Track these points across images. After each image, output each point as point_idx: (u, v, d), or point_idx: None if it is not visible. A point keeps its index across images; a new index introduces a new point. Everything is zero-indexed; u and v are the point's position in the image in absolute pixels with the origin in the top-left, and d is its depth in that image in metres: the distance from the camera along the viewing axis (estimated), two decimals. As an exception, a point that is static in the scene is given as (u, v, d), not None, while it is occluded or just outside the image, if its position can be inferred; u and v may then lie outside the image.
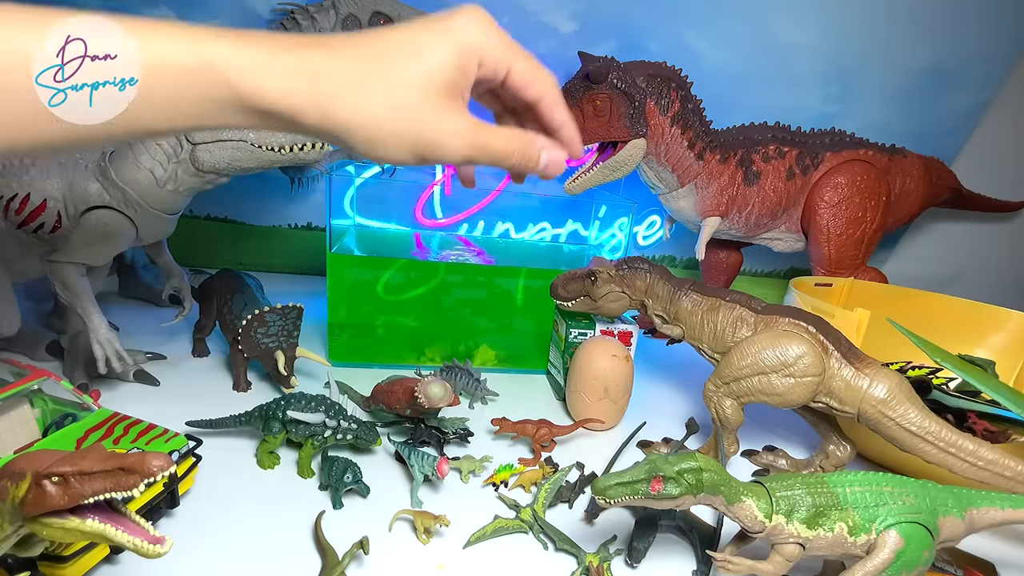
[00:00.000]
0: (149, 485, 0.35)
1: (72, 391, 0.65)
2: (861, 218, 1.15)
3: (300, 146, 0.75)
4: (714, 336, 0.73)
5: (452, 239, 1.23)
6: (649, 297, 0.78)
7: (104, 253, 0.74)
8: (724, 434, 0.73)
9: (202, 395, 0.81)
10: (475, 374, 0.88)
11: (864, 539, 0.49)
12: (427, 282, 0.95)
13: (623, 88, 0.97)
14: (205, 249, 1.30)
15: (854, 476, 0.51)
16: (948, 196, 1.35)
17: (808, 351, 0.66)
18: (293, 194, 1.13)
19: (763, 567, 0.51)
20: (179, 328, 0.96)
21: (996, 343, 0.94)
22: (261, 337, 0.80)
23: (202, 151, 0.72)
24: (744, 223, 1.15)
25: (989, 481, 0.61)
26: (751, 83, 1.26)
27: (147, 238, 0.79)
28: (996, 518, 0.54)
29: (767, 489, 0.51)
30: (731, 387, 0.70)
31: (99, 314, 0.75)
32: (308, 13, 1.01)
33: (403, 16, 1.03)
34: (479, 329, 0.98)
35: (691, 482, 0.49)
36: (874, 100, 1.32)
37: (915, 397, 0.64)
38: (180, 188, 0.75)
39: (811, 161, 1.15)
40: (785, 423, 0.91)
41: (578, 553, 0.59)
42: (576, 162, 1.27)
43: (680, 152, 1.05)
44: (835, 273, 1.16)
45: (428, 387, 0.69)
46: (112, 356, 0.75)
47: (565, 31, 1.19)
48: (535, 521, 0.62)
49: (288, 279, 1.33)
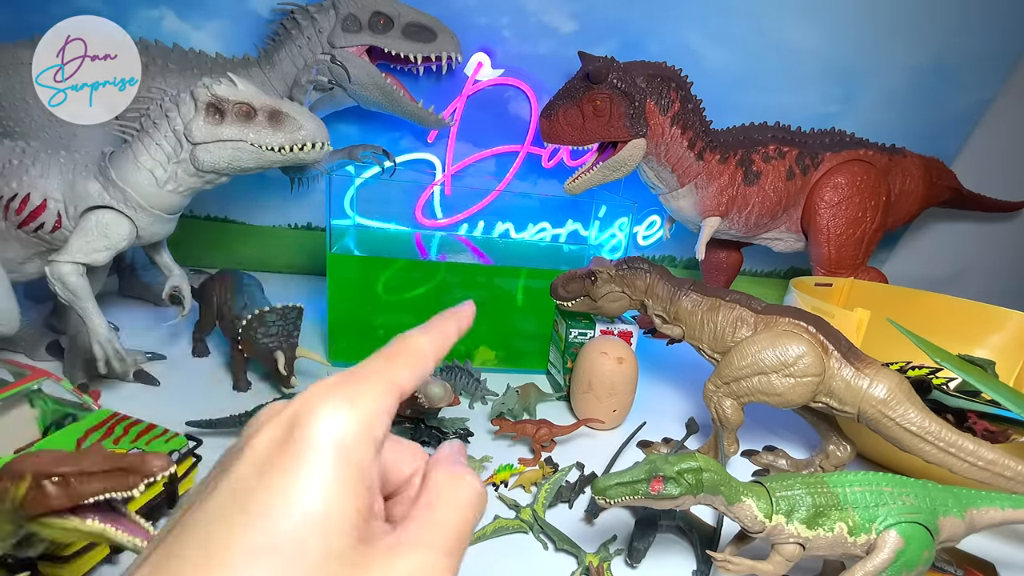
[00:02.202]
0: (149, 485, 0.35)
1: (72, 391, 0.65)
2: (861, 218, 1.15)
3: (300, 146, 0.75)
4: (714, 336, 0.73)
5: (452, 239, 1.23)
6: (649, 297, 0.78)
7: (104, 253, 0.74)
8: (724, 434, 0.73)
9: (202, 395, 0.81)
10: (475, 374, 0.88)
11: (864, 539, 0.49)
12: (427, 282, 0.95)
13: (623, 88, 0.97)
14: (205, 249, 1.30)
15: (854, 476, 0.51)
16: (948, 196, 1.35)
17: (808, 351, 0.66)
18: (293, 194, 1.13)
19: (763, 567, 0.51)
20: (179, 328, 0.96)
21: (996, 343, 0.94)
22: (261, 337, 0.80)
23: (202, 151, 0.72)
24: (744, 223, 1.15)
25: (989, 481, 0.61)
26: (751, 83, 1.26)
27: (147, 238, 0.79)
28: (996, 518, 0.54)
29: (767, 489, 0.51)
30: (731, 387, 0.70)
31: (99, 314, 0.75)
32: (308, 13, 1.01)
33: (403, 16, 1.03)
34: (479, 329, 0.98)
35: (691, 482, 0.49)
36: (874, 100, 1.32)
37: (915, 397, 0.64)
38: (180, 188, 0.75)
39: (811, 161, 1.15)
40: (785, 423, 0.91)
41: (578, 553, 0.59)
42: (576, 162, 1.28)
43: (680, 152, 1.05)
44: (835, 273, 1.16)
45: (428, 387, 0.69)
46: (112, 356, 0.75)
47: (565, 31, 1.19)
48: (535, 521, 0.62)
49: (288, 279, 1.33)
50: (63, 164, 0.74)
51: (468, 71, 1.19)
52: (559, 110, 0.99)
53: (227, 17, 1.09)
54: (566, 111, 0.98)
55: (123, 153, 0.74)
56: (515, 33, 1.18)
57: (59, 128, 0.89)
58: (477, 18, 1.15)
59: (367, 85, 1.03)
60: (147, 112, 0.74)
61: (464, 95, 1.21)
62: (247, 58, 1.04)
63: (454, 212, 1.27)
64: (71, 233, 0.74)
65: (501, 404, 0.81)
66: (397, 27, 1.03)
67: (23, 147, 0.75)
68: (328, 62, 0.99)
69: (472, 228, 1.27)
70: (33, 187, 0.72)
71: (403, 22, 1.03)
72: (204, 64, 1.00)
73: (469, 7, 1.14)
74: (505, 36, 1.18)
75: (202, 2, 1.08)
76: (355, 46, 1.01)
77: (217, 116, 0.72)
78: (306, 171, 1.09)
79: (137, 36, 0.88)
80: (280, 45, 1.02)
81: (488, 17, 1.16)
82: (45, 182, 0.73)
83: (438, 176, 1.29)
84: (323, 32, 1.01)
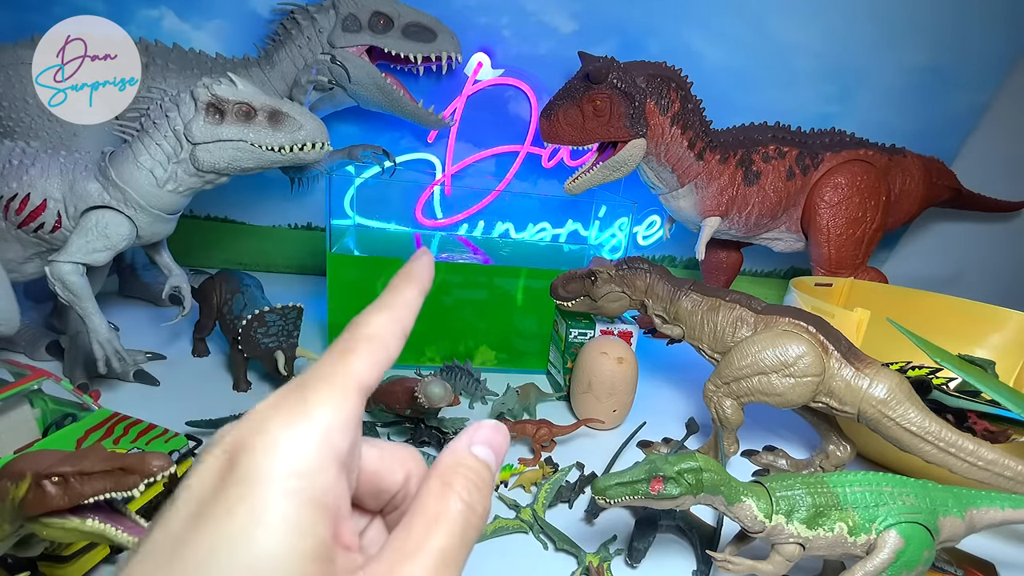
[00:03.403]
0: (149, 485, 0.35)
1: (72, 391, 0.65)
2: (861, 218, 1.15)
3: (300, 146, 0.75)
4: (714, 336, 0.73)
5: (452, 239, 1.23)
6: (649, 297, 0.78)
7: (104, 253, 0.74)
8: (724, 434, 0.73)
9: (202, 395, 0.81)
10: (475, 374, 0.88)
11: (864, 539, 0.49)
12: (427, 282, 0.95)
13: (623, 88, 0.97)
14: (205, 249, 1.30)
15: (854, 476, 0.51)
16: (948, 196, 1.35)
17: (808, 351, 0.66)
18: (293, 194, 1.13)
19: (763, 567, 0.51)
20: (179, 328, 0.96)
21: (996, 343, 0.94)
22: (261, 337, 0.80)
23: (202, 151, 0.72)
24: (744, 223, 1.15)
25: (989, 481, 0.61)
26: (751, 83, 1.26)
27: (147, 238, 0.79)
28: (996, 518, 0.54)
29: (767, 489, 0.51)
30: (731, 387, 0.70)
31: (99, 314, 0.75)
32: (308, 13, 1.01)
33: (403, 16, 1.03)
34: (479, 329, 0.98)
35: (691, 482, 0.49)
36: (874, 100, 1.32)
37: (915, 397, 0.64)
38: (180, 188, 0.75)
39: (811, 161, 1.15)
40: (785, 423, 0.91)
41: (578, 553, 0.59)
42: (576, 162, 1.28)
43: (680, 152, 1.05)
44: (835, 273, 1.16)
45: (428, 387, 0.69)
46: (112, 356, 0.75)
47: (565, 31, 1.19)
48: (535, 521, 0.62)
49: (288, 279, 1.33)
50: (63, 164, 0.74)
51: (468, 71, 1.19)
52: (559, 110, 0.99)
53: (227, 17, 1.10)
54: (566, 111, 0.98)
55: (123, 153, 0.74)
56: (515, 33, 1.18)
57: (59, 128, 0.90)
58: (477, 18, 1.15)
59: (367, 85, 1.03)
60: (147, 112, 0.74)
61: (464, 95, 1.21)
62: (247, 58, 1.04)
63: (454, 212, 1.27)
64: (71, 233, 0.74)
65: (501, 404, 0.81)
66: (397, 27, 1.03)
67: (23, 147, 0.75)
68: (328, 62, 0.99)
69: (472, 228, 1.27)
70: (33, 187, 0.72)
71: (403, 22, 1.03)
72: (204, 64, 1.00)
73: (469, 7, 1.14)
74: (505, 36, 1.18)
75: (202, 2, 1.08)
76: (355, 46, 1.01)
77: (217, 116, 0.72)
78: (306, 171, 1.09)
79: (137, 36, 0.88)
80: (280, 45, 1.02)
81: (488, 17, 1.16)
82: (45, 182, 0.73)
83: (438, 176, 1.29)
84: (323, 32, 1.01)
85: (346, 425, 0.17)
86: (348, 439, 0.17)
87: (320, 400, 0.17)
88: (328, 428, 0.17)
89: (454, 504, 0.18)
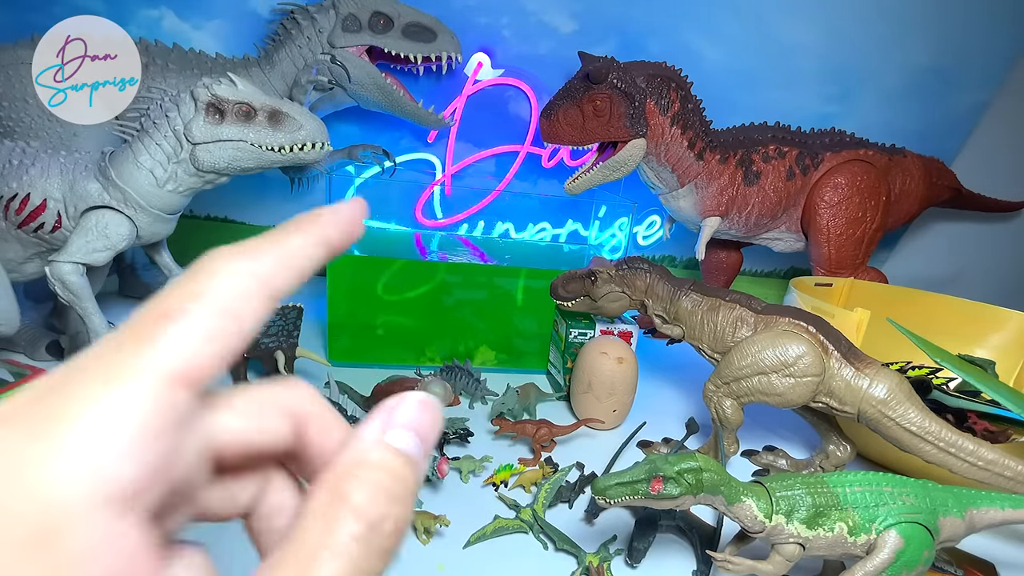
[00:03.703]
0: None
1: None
2: (861, 218, 1.15)
3: (300, 146, 0.75)
4: (714, 336, 0.73)
5: (452, 239, 1.23)
6: (649, 297, 0.78)
7: (104, 253, 0.74)
8: (724, 434, 0.73)
9: (202, 395, 0.80)
10: (475, 374, 0.88)
11: (864, 539, 0.49)
12: (427, 282, 0.95)
13: (623, 88, 0.97)
14: (205, 249, 1.27)
15: (854, 476, 0.51)
16: (948, 196, 1.35)
17: (808, 351, 0.66)
18: (293, 194, 1.13)
19: (763, 567, 0.51)
20: (179, 328, 0.96)
21: (996, 343, 0.94)
22: (261, 337, 0.80)
23: (202, 151, 0.72)
24: (744, 223, 1.15)
25: (989, 481, 0.61)
26: (751, 83, 1.26)
27: (147, 238, 0.79)
28: (996, 518, 0.54)
29: (767, 489, 0.51)
30: (731, 387, 0.70)
31: (99, 314, 0.75)
32: (308, 13, 1.01)
33: (403, 16, 1.03)
34: (479, 329, 0.98)
35: (691, 482, 0.49)
36: (874, 100, 1.32)
37: (915, 397, 0.64)
38: (180, 188, 0.75)
39: (811, 161, 1.15)
40: (785, 423, 0.91)
41: (578, 553, 0.59)
42: (576, 162, 1.28)
43: (680, 152, 1.05)
44: (835, 273, 1.16)
45: (428, 387, 0.69)
46: (112, 356, 0.75)
47: (565, 31, 1.19)
48: (535, 521, 0.62)
49: (288, 279, 1.33)
50: (63, 164, 0.74)
51: (468, 71, 1.19)
52: (559, 110, 0.99)
53: (227, 17, 1.09)
54: (566, 111, 0.98)
55: (123, 153, 0.74)
56: (515, 33, 1.18)
57: (59, 128, 0.90)
58: (477, 18, 1.15)
59: (367, 85, 1.03)
60: (147, 112, 0.74)
61: (464, 95, 1.21)
62: (247, 58, 1.04)
63: (454, 212, 1.27)
64: (71, 233, 0.74)
65: (501, 404, 0.81)
66: (397, 27, 1.03)
67: (23, 147, 0.75)
68: (328, 62, 0.99)
69: (472, 228, 1.27)
70: (33, 187, 0.72)
71: (403, 22, 1.03)
72: (204, 64, 1.00)
73: (469, 7, 1.14)
74: (505, 36, 1.18)
75: (202, 2, 1.08)
76: (355, 46, 1.01)
77: (217, 116, 0.72)
78: (306, 171, 1.09)
79: (137, 36, 0.88)
80: (280, 45, 1.02)
81: (488, 17, 1.16)
82: (45, 182, 0.73)
83: (438, 176, 1.29)
84: (323, 32, 1.01)
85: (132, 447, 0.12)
86: (138, 464, 0.12)
87: (86, 411, 0.12)
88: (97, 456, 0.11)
89: (344, 528, 0.13)
